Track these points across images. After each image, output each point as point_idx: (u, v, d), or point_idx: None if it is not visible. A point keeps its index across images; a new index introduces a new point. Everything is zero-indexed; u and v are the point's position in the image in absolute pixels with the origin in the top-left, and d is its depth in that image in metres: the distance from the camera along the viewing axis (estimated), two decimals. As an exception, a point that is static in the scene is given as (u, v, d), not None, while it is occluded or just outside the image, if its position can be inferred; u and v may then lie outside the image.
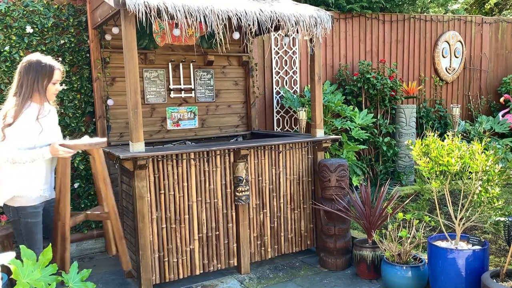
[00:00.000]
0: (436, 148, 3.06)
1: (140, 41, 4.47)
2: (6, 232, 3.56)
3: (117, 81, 4.54)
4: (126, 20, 3.25)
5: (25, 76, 2.79)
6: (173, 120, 4.87)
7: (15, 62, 4.18)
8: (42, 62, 2.85)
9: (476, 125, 6.99)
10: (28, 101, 2.78)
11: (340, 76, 6.27)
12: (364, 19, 6.52)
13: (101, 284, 3.80)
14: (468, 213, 3.11)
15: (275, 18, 3.66)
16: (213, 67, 5.05)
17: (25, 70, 2.80)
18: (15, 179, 2.74)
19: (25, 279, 1.95)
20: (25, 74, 2.80)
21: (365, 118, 5.90)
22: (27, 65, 2.82)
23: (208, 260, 3.77)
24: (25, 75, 2.79)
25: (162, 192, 3.54)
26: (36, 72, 2.82)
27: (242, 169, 3.76)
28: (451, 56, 7.27)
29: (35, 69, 2.81)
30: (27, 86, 2.79)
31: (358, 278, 3.76)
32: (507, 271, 2.89)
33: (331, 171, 3.91)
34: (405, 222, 3.65)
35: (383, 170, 6.24)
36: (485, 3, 12.25)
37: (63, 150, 2.82)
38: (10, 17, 4.14)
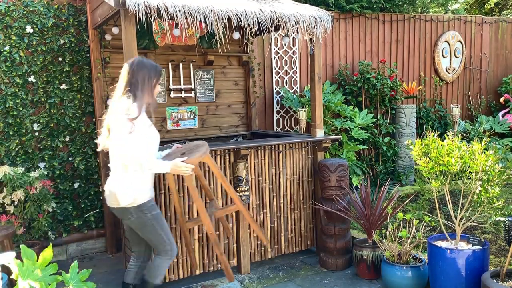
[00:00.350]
0: (436, 148, 3.06)
1: (140, 41, 4.47)
2: (6, 232, 3.55)
3: (117, 81, 4.53)
4: (126, 20, 3.25)
5: (137, 74, 2.73)
6: (173, 120, 4.87)
7: (15, 62, 4.19)
8: (151, 61, 2.84)
9: (476, 125, 6.99)
10: (143, 100, 2.74)
11: (340, 76, 6.27)
12: (364, 19, 6.52)
13: (101, 284, 3.79)
14: (468, 213, 3.11)
15: (275, 18, 3.66)
16: (213, 67, 5.05)
17: (138, 67, 2.74)
18: (134, 182, 2.74)
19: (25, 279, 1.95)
20: (137, 72, 2.73)
21: (365, 118, 5.90)
22: (140, 63, 2.76)
23: (208, 260, 3.77)
24: (137, 73, 2.73)
25: (162, 192, 3.54)
26: (148, 70, 2.77)
27: (242, 169, 3.76)
28: (451, 56, 7.27)
29: (147, 67, 2.77)
30: (142, 83, 2.74)
31: (358, 278, 3.76)
32: (507, 271, 2.89)
33: (331, 171, 3.91)
34: (405, 222, 3.65)
35: (383, 170, 6.24)
36: (485, 3, 12.25)
37: (186, 166, 2.80)
38: (10, 17, 4.14)
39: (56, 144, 4.37)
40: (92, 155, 4.54)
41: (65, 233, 4.47)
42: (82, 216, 4.55)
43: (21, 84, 4.22)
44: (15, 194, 3.90)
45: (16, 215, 4.01)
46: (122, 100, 2.72)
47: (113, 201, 2.77)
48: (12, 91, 4.18)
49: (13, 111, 4.20)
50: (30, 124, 4.27)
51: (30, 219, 4.09)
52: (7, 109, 4.18)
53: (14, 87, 4.19)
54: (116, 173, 2.76)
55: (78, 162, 4.47)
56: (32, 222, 4.10)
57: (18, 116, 4.23)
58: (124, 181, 2.73)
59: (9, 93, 4.16)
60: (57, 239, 4.41)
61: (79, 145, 4.48)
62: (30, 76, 4.25)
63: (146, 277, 2.92)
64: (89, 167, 4.55)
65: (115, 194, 2.72)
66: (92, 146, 4.53)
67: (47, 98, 4.34)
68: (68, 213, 4.47)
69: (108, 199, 2.81)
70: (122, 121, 2.64)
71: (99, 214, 4.62)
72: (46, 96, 4.34)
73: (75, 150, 4.46)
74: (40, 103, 4.33)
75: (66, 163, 4.45)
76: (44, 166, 4.34)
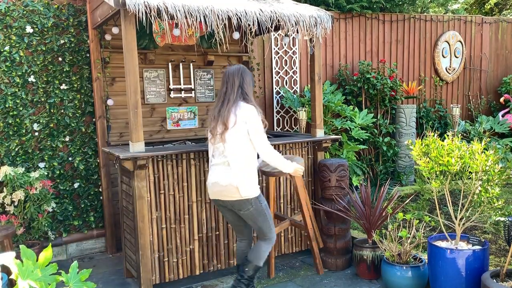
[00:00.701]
0: (436, 148, 3.06)
1: (140, 41, 4.47)
2: (6, 232, 3.55)
3: (117, 81, 4.55)
4: (126, 20, 3.25)
5: (245, 78, 3.08)
6: (173, 120, 4.87)
7: (15, 62, 4.19)
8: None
9: (476, 125, 6.99)
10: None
11: (340, 76, 6.27)
12: (364, 19, 6.52)
13: (101, 284, 3.79)
14: (468, 213, 3.11)
15: (275, 18, 3.66)
16: (213, 67, 5.05)
17: (244, 73, 3.09)
18: (253, 175, 3.07)
19: (25, 279, 1.95)
20: (245, 77, 3.08)
21: (365, 118, 5.90)
22: (245, 69, 3.12)
23: (208, 260, 3.77)
24: (245, 78, 3.08)
25: (162, 192, 3.54)
26: (250, 75, 3.15)
27: (242, 169, 3.75)
28: (451, 56, 7.27)
29: (249, 73, 3.13)
30: (248, 86, 3.09)
31: (358, 278, 3.75)
32: (507, 271, 2.88)
33: (331, 171, 3.91)
34: (405, 222, 3.65)
35: (383, 170, 6.23)
36: (485, 3, 12.25)
37: (301, 169, 3.37)
38: (10, 17, 4.14)
39: (56, 144, 4.37)
40: (92, 155, 4.55)
41: (65, 233, 4.47)
42: (82, 216, 4.55)
43: (21, 84, 4.22)
44: (15, 194, 3.91)
45: (16, 215, 4.01)
46: (239, 101, 3.02)
47: (233, 193, 2.99)
48: (12, 91, 4.18)
49: (13, 111, 4.20)
50: (30, 124, 4.27)
51: (30, 219, 4.09)
52: (7, 109, 4.18)
53: (14, 87, 4.19)
54: (236, 168, 2.99)
55: (78, 162, 4.47)
56: (32, 222, 4.10)
57: (18, 116, 4.23)
58: (247, 174, 3.00)
59: (9, 93, 4.16)
60: (57, 239, 4.42)
61: (79, 145, 4.48)
62: (30, 76, 4.25)
63: (251, 259, 3.20)
64: (89, 167, 4.55)
65: (238, 187, 2.96)
66: (92, 146, 4.53)
67: (47, 98, 4.34)
68: (68, 213, 4.47)
69: (224, 192, 3.02)
70: (259, 121, 3.01)
71: (99, 214, 4.62)
72: (46, 96, 4.34)
73: (75, 150, 4.46)
74: (40, 103, 4.33)
75: (66, 163, 4.45)
76: (44, 166, 4.34)
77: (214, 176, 3.07)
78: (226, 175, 3.00)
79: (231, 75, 3.08)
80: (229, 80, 3.07)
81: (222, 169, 3.03)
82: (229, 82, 3.07)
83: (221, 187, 3.02)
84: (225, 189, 3.01)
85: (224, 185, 3.00)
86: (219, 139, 3.02)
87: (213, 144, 3.08)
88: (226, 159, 3.00)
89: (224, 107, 3.01)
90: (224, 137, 2.99)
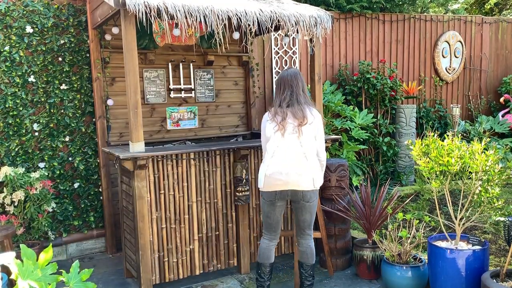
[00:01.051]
0: (436, 148, 3.06)
1: (140, 41, 4.47)
2: (6, 232, 3.55)
3: (117, 81, 4.55)
4: (126, 20, 3.25)
5: (303, 83, 3.26)
6: (173, 120, 4.87)
7: (15, 62, 4.19)
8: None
9: (476, 125, 6.99)
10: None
11: (340, 76, 6.27)
12: (364, 19, 6.52)
13: (101, 284, 3.80)
14: (468, 213, 3.11)
15: (275, 18, 3.66)
16: (213, 67, 5.05)
17: (301, 77, 3.25)
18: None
19: (25, 279, 1.95)
20: (302, 81, 3.25)
21: (365, 118, 5.90)
22: (300, 73, 3.27)
23: (208, 260, 3.77)
24: (303, 82, 3.26)
25: (162, 192, 3.54)
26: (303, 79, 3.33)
27: (242, 169, 3.75)
28: (451, 56, 7.27)
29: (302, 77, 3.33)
30: (306, 90, 3.26)
31: (358, 278, 3.76)
32: (507, 271, 2.89)
33: (331, 171, 3.91)
34: (405, 222, 3.65)
35: (383, 170, 6.23)
36: (485, 3, 12.25)
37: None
38: (10, 17, 4.14)
39: (56, 144, 4.37)
40: (92, 155, 4.54)
41: (65, 233, 4.47)
42: (82, 216, 4.55)
43: (21, 84, 4.22)
44: (15, 194, 3.91)
45: (16, 215, 4.01)
46: (309, 106, 3.19)
47: (308, 184, 3.12)
48: (12, 91, 4.18)
49: (13, 111, 4.20)
50: (30, 124, 4.27)
51: (30, 219, 4.09)
52: (7, 109, 4.18)
53: (14, 87, 4.19)
54: (312, 160, 3.14)
55: (78, 162, 4.47)
56: (32, 222, 4.10)
57: (18, 116, 4.23)
58: (318, 167, 3.19)
59: (9, 93, 4.16)
60: (57, 239, 4.41)
61: (79, 145, 4.48)
62: (30, 76, 4.25)
63: (309, 261, 3.35)
64: (89, 167, 4.55)
65: (314, 178, 3.12)
66: (92, 146, 4.53)
67: (47, 98, 4.34)
68: (68, 213, 4.47)
69: (301, 182, 3.10)
70: (322, 124, 3.24)
71: (99, 214, 4.62)
72: (46, 96, 4.34)
73: (75, 150, 4.46)
74: (40, 103, 4.33)
75: (66, 163, 4.45)
76: (44, 166, 4.34)
77: (289, 167, 3.09)
78: (305, 166, 3.10)
79: (294, 78, 3.21)
80: (293, 81, 3.20)
81: (299, 159, 3.10)
82: (294, 83, 3.19)
83: (299, 177, 3.08)
84: (302, 179, 3.09)
85: (303, 175, 3.09)
86: (294, 131, 3.10)
87: (282, 136, 3.12)
88: (303, 150, 3.10)
89: (296, 105, 3.15)
90: (301, 130, 3.10)
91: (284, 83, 3.21)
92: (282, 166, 3.09)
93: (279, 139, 3.11)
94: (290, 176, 3.07)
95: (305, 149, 3.09)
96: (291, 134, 3.09)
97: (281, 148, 3.11)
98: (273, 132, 3.12)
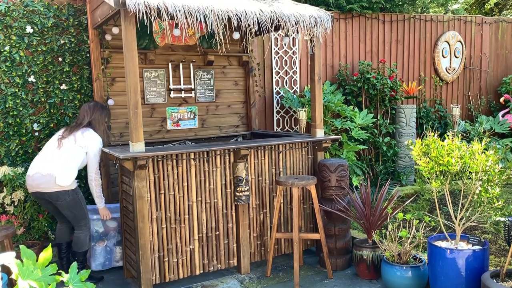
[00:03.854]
0: (436, 148, 3.06)
1: (140, 41, 4.47)
2: (6, 232, 3.55)
3: (117, 81, 4.55)
4: (126, 20, 3.25)
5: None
6: (173, 120, 4.87)
7: (15, 62, 4.19)
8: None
9: (476, 125, 6.99)
10: None
11: (340, 76, 6.27)
12: (364, 19, 6.52)
13: (101, 284, 3.80)
14: (468, 213, 3.12)
15: (275, 18, 3.66)
16: (213, 67, 5.05)
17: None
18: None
19: (25, 279, 1.95)
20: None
21: (365, 118, 5.90)
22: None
23: (208, 260, 3.77)
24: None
25: (162, 192, 3.54)
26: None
27: (242, 169, 3.76)
28: (451, 56, 7.27)
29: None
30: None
31: (358, 278, 3.76)
32: (507, 271, 2.88)
33: (331, 171, 3.91)
34: (405, 222, 3.65)
35: (383, 170, 6.24)
36: (485, 3, 12.25)
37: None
38: (10, 17, 4.14)
39: (56, 144, 4.37)
40: (92, 155, 4.54)
41: (65, 233, 4.47)
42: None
43: (21, 84, 4.22)
44: (15, 194, 3.91)
45: (16, 215, 4.01)
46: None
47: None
48: (12, 91, 4.18)
49: (13, 111, 4.20)
50: (30, 124, 4.27)
51: (30, 219, 4.09)
52: (7, 109, 4.18)
53: (14, 87, 4.19)
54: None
55: (78, 162, 4.47)
56: (32, 222, 4.10)
57: (18, 116, 4.23)
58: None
59: (9, 93, 4.16)
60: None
61: (79, 145, 4.48)
62: (30, 76, 4.25)
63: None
64: (89, 167, 4.54)
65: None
66: (92, 146, 4.53)
67: (47, 98, 4.34)
68: (68, 213, 4.46)
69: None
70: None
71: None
72: (46, 96, 4.34)
73: (75, 150, 4.46)
74: (40, 103, 4.33)
75: (66, 163, 4.45)
76: (44, 166, 4.34)
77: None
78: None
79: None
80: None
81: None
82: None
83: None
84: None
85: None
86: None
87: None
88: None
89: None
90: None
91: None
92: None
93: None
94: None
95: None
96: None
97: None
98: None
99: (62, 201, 3.58)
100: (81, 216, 3.70)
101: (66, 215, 3.69)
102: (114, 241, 4.02)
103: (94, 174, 3.74)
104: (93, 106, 3.82)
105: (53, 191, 3.53)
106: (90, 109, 3.79)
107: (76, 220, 3.69)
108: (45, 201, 3.65)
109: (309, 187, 3.74)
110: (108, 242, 4.00)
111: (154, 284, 3.56)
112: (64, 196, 3.57)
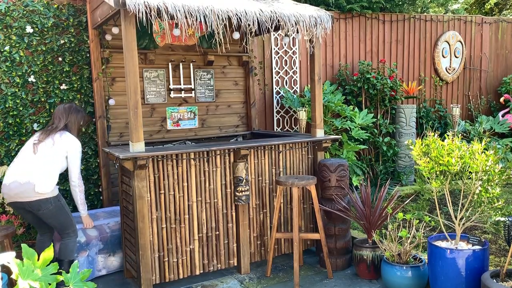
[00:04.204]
0: (436, 148, 3.06)
1: (140, 41, 4.47)
2: (6, 232, 3.55)
3: (117, 81, 4.55)
4: (126, 20, 3.25)
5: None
6: (173, 120, 4.87)
7: (15, 62, 4.19)
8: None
9: (476, 125, 6.99)
10: None
11: (340, 76, 6.27)
12: (364, 19, 6.52)
13: (101, 284, 3.79)
14: (468, 213, 3.12)
15: (275, 18, 3.66)
16: (213, 67, 5.05)
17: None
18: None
19: (26, 278, 1.95)
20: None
21: (365, 118, 5.90)
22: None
23: (208, 260, 3.77)
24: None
25: (162, 192, 3.54)
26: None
27: (242, 169, 3.76)
28: (451, 56, 7.27)
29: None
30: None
31: (358, 278, 3.76)
32: (507, 271, 2.89)
33: (331, 171, 3.91)
34: (405, 222, 3.65)
35: (383, 170, 6.24)
36: (485, 3, 12.25)
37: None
38: (10, 17, 4.14)
39: (56, 144, 4.37)
40: (92, 155, 4.55)
41: (65, 233, 4.47)
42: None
43: (21, 84, 4.22)
44: (15, 194, 3.90)
45: (16, 215, 4.01)
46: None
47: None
48: (12, 91, 4.18)
49: (13, 111, 4.20)
50: (30, 124, 4.27)
51: (30, 219, 4.09)
52: (7, 109, 4.18)
53: (14, 87, 4.19)
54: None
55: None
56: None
57: (18, 116, 4.23)
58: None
59: (9, 93, 4.16)
60: (57, 239, 4.41)
61: (79, 145, 4.48)
62: (30, 76, 4.25)
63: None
64: (89, 167, 4.55)
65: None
66: (92, 146, 4.53)
67: (47, 98, 4.34)
68: (68, 213, 4.47)
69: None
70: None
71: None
72: (46, 96, 4.34)
73: (75, 150, 4.46)
74: (40, 103, 4.33)
75: (66, 163, 4.45)
76: (44, 166, 4.34)
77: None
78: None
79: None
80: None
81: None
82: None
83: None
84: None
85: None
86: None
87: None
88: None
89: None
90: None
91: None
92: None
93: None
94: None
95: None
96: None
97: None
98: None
99: (45, 209, 3.36)
100: (68, 223, 3.49)
101: (51, 224, 3.49)
102: (96, 249, 3.84)
103: (77, 179, 3.57)
104: (68, 108, 3.64)
105: (34, 200, 3.31)
106: (66, 112, 3.61)
107: (63, 228, 3.48)
108: (25, 211, 3.44)
109: (309, 187, 3.74)
110: (90, 252, 3.81)
111: (154, 284, 3.56)
112: (46, 204, 3.36)
